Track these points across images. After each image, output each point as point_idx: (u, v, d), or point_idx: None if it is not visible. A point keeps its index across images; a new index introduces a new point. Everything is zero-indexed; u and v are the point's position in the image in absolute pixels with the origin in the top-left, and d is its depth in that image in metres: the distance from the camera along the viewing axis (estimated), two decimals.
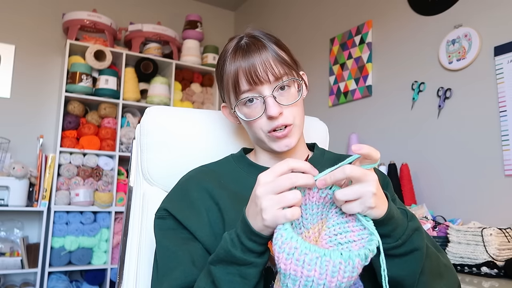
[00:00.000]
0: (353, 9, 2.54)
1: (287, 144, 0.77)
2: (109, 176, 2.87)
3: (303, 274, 0.51)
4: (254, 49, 0.75)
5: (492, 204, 1.72)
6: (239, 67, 0.74)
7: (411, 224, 0.63)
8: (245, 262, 0.58)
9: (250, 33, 0.79)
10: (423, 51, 2.08)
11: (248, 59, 0.74)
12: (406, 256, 0.62)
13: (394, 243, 0.61)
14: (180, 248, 0.71)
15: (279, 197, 0.55)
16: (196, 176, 0.81)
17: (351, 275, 0.51)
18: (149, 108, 0.95)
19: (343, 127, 2.49)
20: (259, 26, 0.81)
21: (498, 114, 1.72)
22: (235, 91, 0.76)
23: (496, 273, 1.37)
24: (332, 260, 0.50)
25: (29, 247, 2.62)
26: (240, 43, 0.77)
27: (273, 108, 0.73)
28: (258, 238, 0.57)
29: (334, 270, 0.50)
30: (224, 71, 0.78)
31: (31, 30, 3.06)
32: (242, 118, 0.78)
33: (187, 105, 3.28)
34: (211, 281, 0.62)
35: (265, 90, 0.74)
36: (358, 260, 0.51)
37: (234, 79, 0.75)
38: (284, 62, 0.76)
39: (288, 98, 0.76)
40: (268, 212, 0.55)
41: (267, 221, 0.55)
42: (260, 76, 0.73)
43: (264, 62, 0.74)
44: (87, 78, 2.85)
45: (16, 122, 2.92)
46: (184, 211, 0.75)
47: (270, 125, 0.75)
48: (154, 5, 3.60)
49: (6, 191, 2.54)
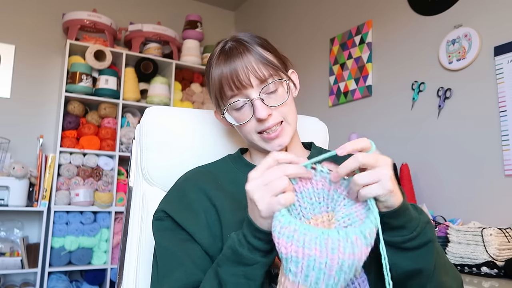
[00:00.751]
0: (353, 9, 2.55)
1: (279, 143, 0.77)
2: (109, 176, 2.87)
3: (304, 254, 0.51)
4: (236, 53, 0.74)
5: (492, 204, 1.72)
6: (221, 73, 0.74)
7: (422, 217, 0.64)
8: (252, 262, 0.58)
9: (235, 36, 0.79)
10: (423, 51, 2.08)
11: (229, 64, 0.74)
12: (420, 248, 0.63)
13: (409, 235, 0.61)
14: (179, 249, 0.72)
15: (268, 186, 0.55)
16: (193, 177, 0.81)
17: (352, 252, 0.51)
18: (149, 108, 0.95)
19: (343, 127, 2.49)
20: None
21: (498, 114, 1.72)
22: (221, 97, 0.76)
23: (496, 273, 1.37)
24: (330, 238, 0.51)
25: (29, 247, 2.62)
26: (224, 48, 0.77)
27: (261, 111, 0.73)
28: (262, 235, 0.57)
29: (333, 247, 0.51)
30: (210, 77, 0.78)
31: (31, 30, 3.06)
32: (232, 122, 0.78)
33: (187, 105, 3.28)
34: (217, 283, 0.62)
35: (251, 93, 0.74)
36: (355, 237, 0.51)
37: (219, 85, 0.75)
38: (269, 64, 0.75)
39: (276, 99, 0.76)
40: (261, 202, 0.55)
41: (263, 211, 0.55)
42: (242, 80, 0.73)
43: (246, 66, 0.73)
44: (87, 78, 2.85)
45: (16, 122, 2.92)
46: (182, 213, 0.75)
47: (260, 127, 0.76)
48: (154, 5, 3.60)
49: (6, 191, 2.54)
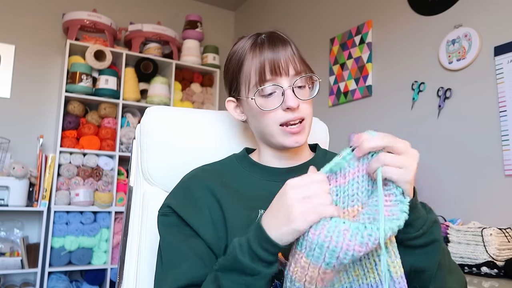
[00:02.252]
0: (353, 9, 2.55)
1: (297, 140, 0.77)
2: (109, 176, 2.87)
3: (332, 242, 0.52)
4: (280, 43, 0.78)
5: (492, 204, 1.72)
6: (264, 58, 0.76)
7: (430, 216, 0.64)
8: (253, 272, 0.57)
9: (270, 31, 0.82)
10: (423, 51, 2.08)
11: (273, 51, 0.76)
12: (426, 247, 0.63)
13: (415, 233, 0.61)
14: (183, 244, 0.72)
15: (312, 199, 0.55)
16: (199, 174, 0.81)
17: (335, 239, 0.52)
18: (149, 108, 0.95)
19: (343, 127, 2.49)
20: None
21: (498, 114, 1.72)
22: (259, 80, 0.77)
23: (496, 273, 1.37)
24: (338, 226, 0.52)
25: (29, 247, 2.62)
26: (260, 38, 0.79)
27: (293, 100, 0.75)
28: (271, 247, 0.56)
29: (317, 225, 0.53)
30: (244, 62, 0.79)
31: (31, 30, 3.06)
32: (258, 108, 0.77)
33: (187, 105, 3.28)
34: (216, 287, 0.61)
35: (285, 82, 0.76)
36: (345, 227, 0.52)
37: (260, 69, 0.76)
38: (303, 61, 0.79)
39: (303, 95, 0.78)
40: (303, 214, 0.54)
41: (300, 223, 0.54)
42: (283, 68, 0.76)
43: (288, 56, 0.77)
44: (87, 78, 2.85)
45: (16, 122, 2.92)
46: (187, 209, 0.75)
47: (286, 117, 0.76)
48: (154, 5, 3.60)
49: (6, 191, 2.54)
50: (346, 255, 0.52)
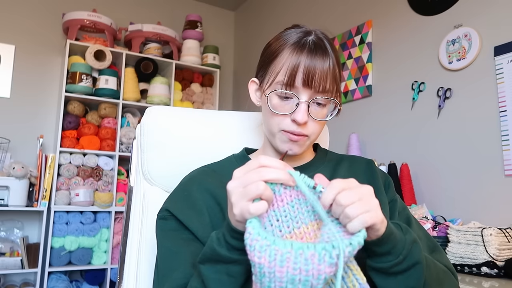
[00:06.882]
0: (353, 9, 2.55)
1: (292, 149, 0.76)
2: (109, 176, 2.87)
3: (276, 268, 0.49)
4: (320, 53, 0.74)
5: (492, 204, 1.72)
6: (302, 62, 0.73)
7: (408, 237, 0.62)
8: (230, 260, 0.58)
9: (318, 34, 0.78)
10: (423, 51, 2.08)
11: (311, 59, 0.73)
12: (408, 271, 0.61)
13: (395, 260, 0.60)
14: (181, 249, 0.71)
15: (245, 189, 0.54)
16: (198, 176, 0.81)
17: (304, 268, 0.49)
18: (149, 108, 0.95)
19: (343, 127, 2.49)
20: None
21: (498, 114, 1.73)
22: (285, 81, 0.74)
23: (496, 273, 1.37)
24: (280, 250, 0.49)
25: (29, 247, 2.62)
26: (307, 38, 0.76)
27: (302, 114, 0.73)
28: (238, 235, 0.57)
29: (281, 260, 0.49)
30: (279, 55, 0.76)
31: (31, 30, 3.06)
32: (269, 107, 0.76)
33: (187, 105, 3.28)
34: (201, 281, 0.62)
35: (305, 94, 0.74)
36: (311, 253, 0.49)
37: (293, 70, 0.73)
38: (335, 80, 0.76)
39: (318, 114, 0.76)
40: (236, 206, 0.55)
41: (237, 215, 0.55)
42: (310, 81, 0.72)
43: (323, 70, 0.73)
44: (87, 78, 2.85)
45: (16, 122, 2.92)
46: (186, 212, 0.75)
47: (290, 127, 0.75)
48: (154, 5, 3.60)
49: (6, 191, 2.54)
50: (319, 281, 0.49)
